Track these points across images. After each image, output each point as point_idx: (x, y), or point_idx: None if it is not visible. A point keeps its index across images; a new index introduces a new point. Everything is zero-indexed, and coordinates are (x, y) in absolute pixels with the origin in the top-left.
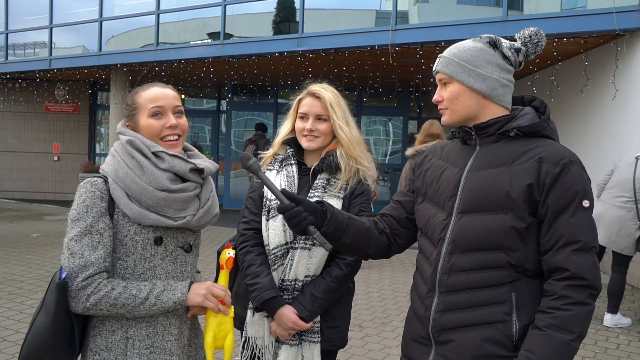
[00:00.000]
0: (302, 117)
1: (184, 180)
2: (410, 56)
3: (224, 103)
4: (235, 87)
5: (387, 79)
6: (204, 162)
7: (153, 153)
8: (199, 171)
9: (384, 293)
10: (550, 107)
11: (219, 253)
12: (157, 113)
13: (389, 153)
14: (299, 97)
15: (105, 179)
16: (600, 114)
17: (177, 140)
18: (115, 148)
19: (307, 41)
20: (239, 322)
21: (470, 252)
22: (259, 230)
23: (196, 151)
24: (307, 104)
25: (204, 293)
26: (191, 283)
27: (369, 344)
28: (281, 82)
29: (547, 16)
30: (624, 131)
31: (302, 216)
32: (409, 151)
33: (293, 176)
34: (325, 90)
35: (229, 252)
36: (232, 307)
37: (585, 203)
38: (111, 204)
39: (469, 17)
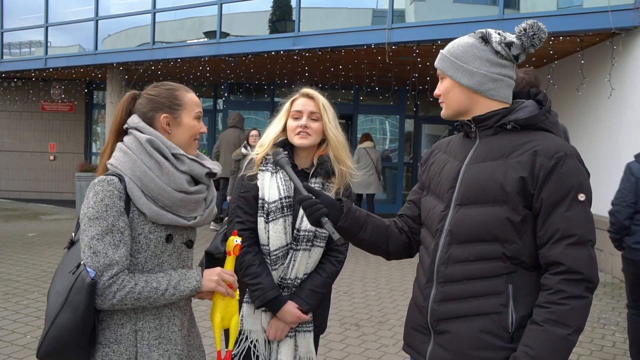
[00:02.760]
0: (296, 117)
1: (196, 182)
2: (406, 55)
3: (220, 102)
4: (232, 86)
5: (384, 77)
6: (214, 165)
7: (173, 155)
8: (211, 175)
9: (380, 292)
10: None
11: (207, 253)
12: (199, 117)
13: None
14: (292, 98)
15: (120, 177)
16: (596, 112)
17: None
18: (127, 145)
19: (304, 40)
20: None
21: (467, 243)
22: (254, 230)
23: (199, 152)
24: (301, 103)
25: (216, 279)
26: (202, 270)
27: (366, 343)
28: (277, 81)
29: (544, 14)
30: (620, 129)
31: (317, 207)
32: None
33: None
34: (318, 93)
35: (236, 240)
36: (238, 290)
37: (581, 197)
38: (127, 202)
39: (465, 15)
